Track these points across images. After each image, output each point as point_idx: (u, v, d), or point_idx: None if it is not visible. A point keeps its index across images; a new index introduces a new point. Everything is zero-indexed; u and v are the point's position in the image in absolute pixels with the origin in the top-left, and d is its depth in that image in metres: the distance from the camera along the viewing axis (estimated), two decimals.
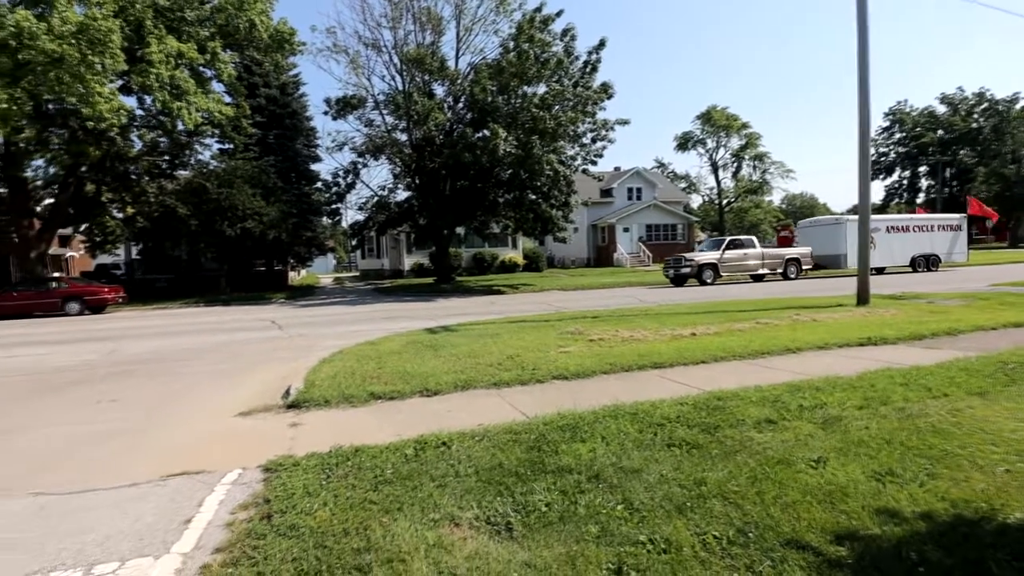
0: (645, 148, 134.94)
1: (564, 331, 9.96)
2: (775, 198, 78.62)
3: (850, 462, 3.78)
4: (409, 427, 4.95)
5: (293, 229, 28.51)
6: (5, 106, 16.60)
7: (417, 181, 27.39)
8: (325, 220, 33.73)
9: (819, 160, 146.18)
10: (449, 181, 25.93)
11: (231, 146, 27.26)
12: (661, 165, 72.03)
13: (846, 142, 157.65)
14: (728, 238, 25.81)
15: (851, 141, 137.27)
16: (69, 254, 39.50)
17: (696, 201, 72.44)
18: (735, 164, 69.62)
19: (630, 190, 46.13)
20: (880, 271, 27.19)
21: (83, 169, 23.65)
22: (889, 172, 72.24)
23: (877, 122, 70.86)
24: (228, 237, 25.54)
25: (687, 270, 23.64)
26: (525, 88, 25.01)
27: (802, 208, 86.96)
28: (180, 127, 22.61)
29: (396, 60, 27.08)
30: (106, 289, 21.61)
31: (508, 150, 23.27)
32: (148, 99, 22.03)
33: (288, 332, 12.91)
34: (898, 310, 11.69)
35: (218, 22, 23.14)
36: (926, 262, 27.75)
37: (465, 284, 28.49)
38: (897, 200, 71.95)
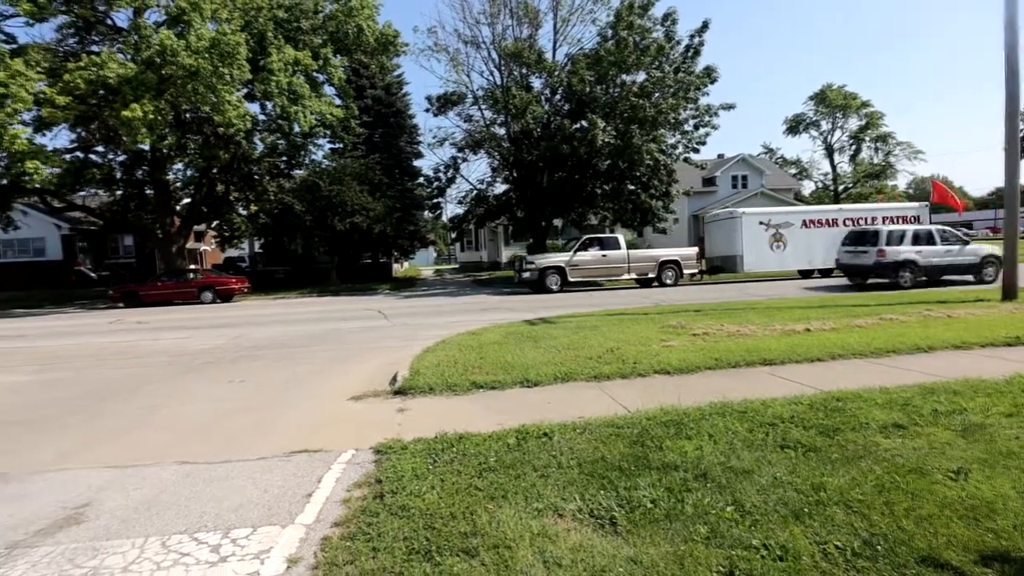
0: (751, 134, 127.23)
1: (665, 324, 9.67)
2: (900, 182, 71.17)
3: (997, 475, 3.38)
4: (510, 417, 5.03)
5: (397, 223, 29.83)
6: (152, 116, 18.70)
7: (515, 174, 27.66)
8: (427, 214, 35.03)
9: (955, 139, 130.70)
10: (546, 173, 25.94)
11: (341, 145, 28.96)
12: (769, 151, 67.57)
13: (989, 117, 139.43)
14: (584, 237, 21.70)
15: (995, 117, 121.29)
16: (203, 248, 44.00)
17: (808, 188, 67.36)
18: (853, 147, 63.82)
19: (734, 178, 43.73)
20: (807, 275, 22.83)
21: (214, 171, 26.15)
22: None
23: None
24: (338, 231, 27.23)
25: (527, 275, 20.05)
26: (624, 76, 24.45)
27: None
28: (296, 129, 24.34)
29: (494, 55, 27.43)
30: (234, 280, 23.86)
31: (606, 140, 22.90)
32: (269, 105, 23.88)
33: (393, 321, 13.58)
34: None
35: (329, 29, 24.63)
36: None
37: None
38: None
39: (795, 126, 64.93)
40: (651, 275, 20.81)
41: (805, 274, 22.98)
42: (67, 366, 9.28)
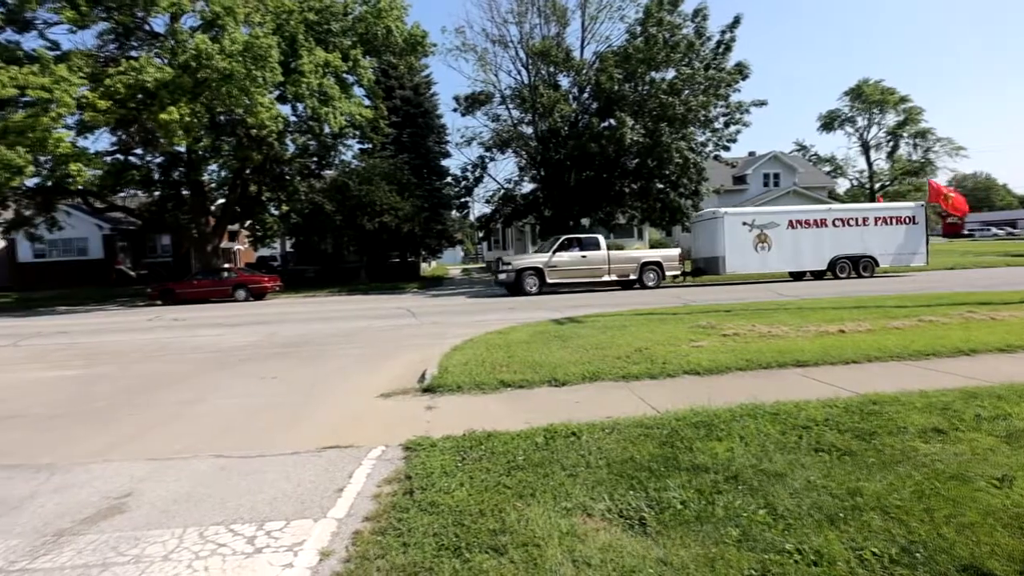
0: (784, 131, 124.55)
1: (695, 325, 9.54)
2: (941, 180, 68.86)
3: None
4: (538, 415, 5.04)
5: (425, 222, 30.08)
6: (188, 119, 19.22)
7: (542, 173, 27.64)
8: (454, 213, 35.21)
9: (999, 135, 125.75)
10: (574, 172, 25.85)
11: (370, 145, 29.34)
12: (802, 148, 66.11)
13: None
14: (562, 236, 20.59)
15: None
16: (236, 247, 45.04)
17: (843, 186, 65.69)
18: (891, 143, 62.04)
19: (766, 176, 42.93)
20: (799, 277, 22.26)
21: (247, 172, 26.73)
22: None
23: None
24: (367, 231, 27.60)
25: (504, 276, 19.25)
26: (653, 74, 24.22)
27: (975, 191, 75.50)
28: (326, 130, 24.71)
29: (522, 54, 27.45)
30: (266, 279, 24.39)
31: (635, 139, 22.72)
32: (300, 106, 24.29)
33: (421, 320, 13.70)
34: None
35: (359, 31, 24.94)
36: (853, 265, 21.64)
37: None
38: None
39: (829, 122, 63.42)
40: (632, 276, 20.11)
41: (797, 276, 22.31)
42: (110, 362, 9.61)
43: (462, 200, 31.00)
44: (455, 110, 28.67)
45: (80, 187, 21.90)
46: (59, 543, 3.21)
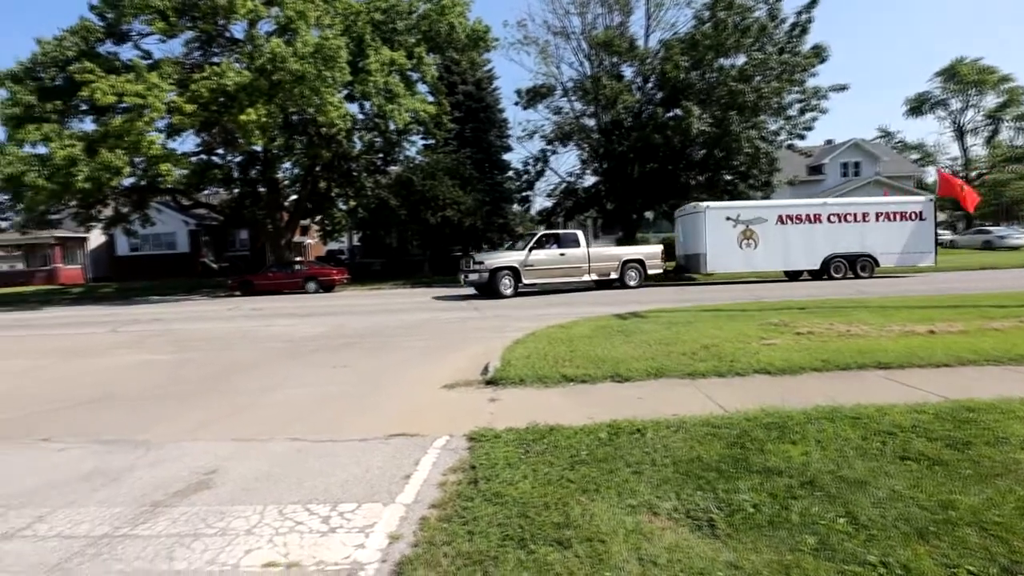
0: (865, 117, 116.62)
1: (766, 322, 9.16)
2: None
3: None
4: (601, 411, 4.99)
5: (486, 216, 30.37)
6: (264, 120, 20.22)
7: (604, 166, 27.29)
8: (515, 207, 35.35)
9: None
10: (637, 165, 25.36)
11: (433, 141, 29.87)
12: (886, 134, 61.90)
13: None
14: (539, 232, 18.94)
15: None
16: (307, 241, 47.04)
17: (932, 175, 61.00)
18: (990, 127, 56.97)
19: (845, 165, 40.54)
20: (796, 276, 20.47)
21: (317, 169, 27.87)
22: None
23: None
24: (430, 225, 28.17)
25: (475, 277, 17.42)
26: (722, 60, 23.38)
27: None
28: (392, 127, 25.39)
29: (584, 45, 27.15)
30: (335, 271, 25.36)
31: (702, 128, 22.03)
32: (367, 104, 25.05)
33: (483, 313, 13.86)
34: None
35: (422, 28, 25.41)
36: (849, 265, 19.75)
37: None
38: None
39: (918, 106, 58.91)
40: (613, 275, 18.81)
41: (792, 276, 20.75)
42: (197, 348, 10.30)
43: (523, 194, 31.08)
44: (517, 104, 28.77)
45: (169, 186, 23.55)
46: (155, 513, 3.48)
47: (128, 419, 5.75)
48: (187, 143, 35.23)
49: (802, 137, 25.71)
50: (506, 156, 35.67)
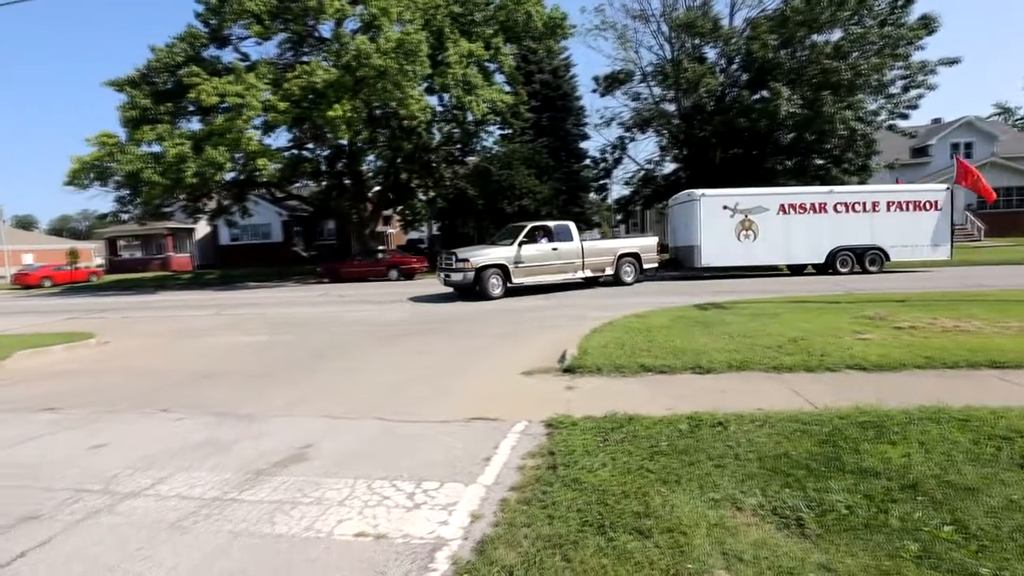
0: (979, 92, 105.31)
1: (861, 315, 8.58)
2: None
3: None
4: (681, 402, 4.89)
5: (563, 205, 30.23)
6: (349, 115, 21.13)
7: (685, 152, 26.44)
8: (592, 196, 34.96)
9: None
10: (719, 150, 24.35)
11: (510, 131, 30.04)
12: (1004, 111, 55.86)
13: None
14: (529, 224, 16.55)
15: None
16: (389, 231, 48.79)
17: None
18: None
19: (954, 146, 36.86)
20: (799, 270, 18.82)
21: (399, 161, 28.80)
22: None
23: None
24: (507, 214, 28.36)
25: (459, 277, 15.00)
26: (814, 37, 21.91)
27: None
28: (469, 118, 25.77)
29: (664, 28, 26.31)
30: (415, 260, 26.19)
31: (791, 110, 20.77)
32: (446, 96, 25.59)
33: (560, 301, 13.87)
34: None
35: (500, 19, 25.54)
36: (857, 259, 17.89)
37: None
38: None
39: None
40: (609, 271, 16.98)
41: (795, 269, 18.85)
42: (291, 331, 11.01)
43: (600, 182, 30.66)
44: (594, 91, 28.38)
45: (265, 179, 25.16)
46: (259, 480, 3.79)
47: (233, 394, 6.27)
48: (280, 139, 37.40)
49: (905, 116, 23.70)
50: (583, 144, 35.29)
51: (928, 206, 18.36)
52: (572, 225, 16.90)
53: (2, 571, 2.86)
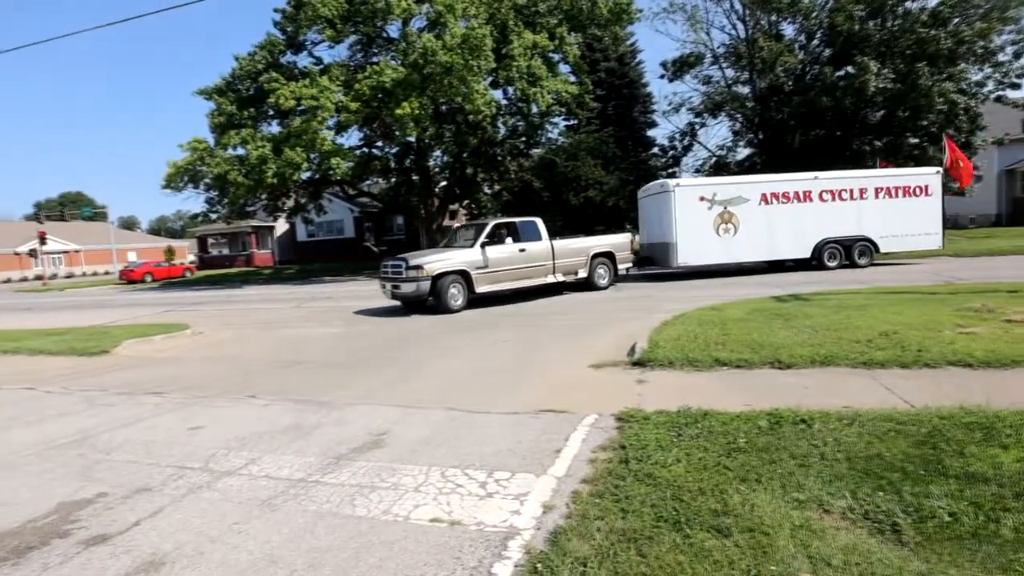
0: None
1: (963, 307, 7.88)
2: None
3: None
4: (759, 398, 4.68)
5: (630, 196, 29.61)
6: (417, 112, 21.59)
7: (760, 136, 25.23)
8: None
9: None
10: (799, 133, 23.04)
11: (575, 121, 29.71)
12: None
13: None
14: (491, 222, 14.10)
15: None
16: (455, 225, 49.68)
17: None
18: None
19: None
20: (777, 266, 17.11)
21: (464, 155, 29.17)
22: None
23: None
24: (573, 206, 28.14)
25: (410, 288, 12.00)
26: (908, 4, 20.23)
27: None
28: (534, 110, 25.72)
29: (738, 6, 25.12)
30: None
31: (881, 86, 19.30)
32: (510, 89, 25.63)
33: (630, 293, 13.66)
34: None
35: (564, 8, 25.24)
36: (845, 252, 16.42)
37: None
38: None
39: None
40: (582, 274, 14.76)
41: (775, 265, 16.97)
42: (365, 323, 11.45)
43: (670, 171, 29.78)
44: (662, 76, 27.59)
45: (338, 177, 26.18)
46: (339, 464, 3.96)
47: (314, 382, 6.59)
48: (352, 138, 38.81)
49: (1017, 86, 21.46)
50: (650, 132, 34.39)
51: (919, 191, 16.88)
52: (539, 222, 14.71)
53: (121, 536, 3.14)
